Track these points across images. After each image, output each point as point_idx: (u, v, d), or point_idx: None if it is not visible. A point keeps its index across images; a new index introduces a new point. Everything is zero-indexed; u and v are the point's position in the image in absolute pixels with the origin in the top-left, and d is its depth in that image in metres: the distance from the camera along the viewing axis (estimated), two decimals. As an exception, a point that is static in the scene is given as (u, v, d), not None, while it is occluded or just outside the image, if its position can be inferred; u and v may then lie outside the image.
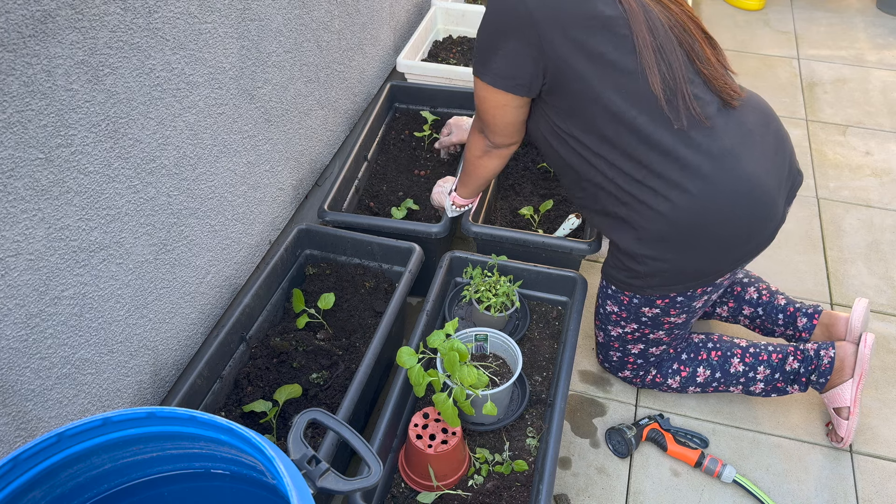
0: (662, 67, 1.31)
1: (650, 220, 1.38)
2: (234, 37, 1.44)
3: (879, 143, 2.65)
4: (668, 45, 1.32)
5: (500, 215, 2.01)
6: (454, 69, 2.29)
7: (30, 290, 1.06)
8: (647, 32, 1.30)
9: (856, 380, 1.55)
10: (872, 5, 3.67)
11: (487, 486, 1.37)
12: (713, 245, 1.39)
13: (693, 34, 1.36)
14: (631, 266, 1.46)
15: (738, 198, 1.35)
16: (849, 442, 1.60)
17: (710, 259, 1.42)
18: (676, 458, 1.62)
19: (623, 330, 1.61)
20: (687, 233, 1.38)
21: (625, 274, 1.48)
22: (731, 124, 1.37)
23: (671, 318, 1.54)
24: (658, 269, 1.43)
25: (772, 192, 1.39)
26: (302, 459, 0.96)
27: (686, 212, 1.35)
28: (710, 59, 1.37)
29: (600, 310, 1.63)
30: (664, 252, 1.40)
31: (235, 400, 1.50)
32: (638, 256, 1.43)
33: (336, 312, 1.69)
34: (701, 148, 1.33)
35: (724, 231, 1.38)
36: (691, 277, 1.45)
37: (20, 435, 1.10)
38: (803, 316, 1.71)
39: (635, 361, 1.67)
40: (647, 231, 1.39)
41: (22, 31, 0.95)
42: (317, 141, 1.94)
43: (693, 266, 1.43)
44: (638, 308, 1.53)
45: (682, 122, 1.32)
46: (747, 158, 1.36)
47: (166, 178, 1.32)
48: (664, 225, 1.37)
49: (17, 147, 0.99)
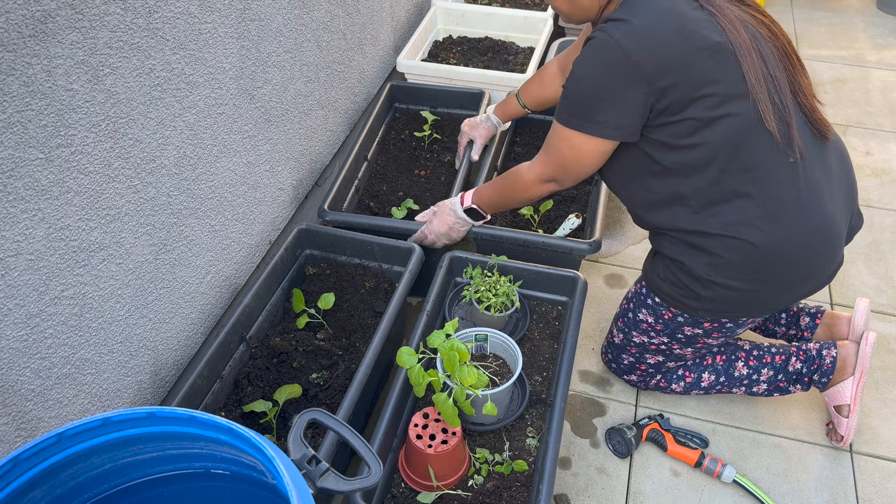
0: (774, 98, 1.28)
1: (731, 248, 1.34)
2: (234, 37, 1.44)
3: (879, 143, 2.65)
4: (778, 74, 1.29)
5: (501, 215, 2.01)
6: (454, 69, 2.29)
7: (30, 290, 1.06)
8: (758, 61, 1.26)
9: (856, 377, 1.56)
10: (872, 5, 3.67)
11: (487, 486, 1.37)
12: (783, 280, 1.37)
13: (794, 62, 1.33)
14: (693, 288, 1.41)
15: (817, 237, 1.34)
16: (849, 440, 1.60)
17: (776, 294, 1.40)
18: (676, 458, 1.62)
19: (649, 340, 1.59)
20: (764, 266, 1.35)
21: (682, 293, 1.44)
22: (820, 161, 1.35)
23: (710, 340, 1.53)
24: (723, 296, 1.39)
25: (842, 235, 1.39)
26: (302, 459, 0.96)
27: (769, 246, 1.32)
28: (807, 90, 1.35)
29: (629, 314, 1.60)
30: (735, 281, 1.37)
31: (235, 400, 1.50)
32: (706, 281, 1.39)
33: (336, 312, 1.69)
34: (795, 184, 1.31)
35: (796, 268, 1.36)
36: (752, 308, 1.43)
37: (20, 435, 1.10)
38: (806, 315, 1.71)
39: (647, 370, 1.66)
40: (723, 259, 1.35)
41: (22, 31, 0.95)
42: (317, 141, 1.94)
43: (758, 298, 1.40)
44: (679, 326, 1.51)
45: (795, 156, 1.29)
46: (828, 199, 1.35)
47: (166, 178, 1.32)
48: (744, 256, 1.34)
49: (17, 147, 0.99)
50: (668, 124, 1.29)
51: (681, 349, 1.57)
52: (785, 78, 1.31)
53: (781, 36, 1.32)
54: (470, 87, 2.26)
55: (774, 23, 1.33)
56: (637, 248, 2.19)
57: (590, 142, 1.35)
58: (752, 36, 1.27)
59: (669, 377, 1.67)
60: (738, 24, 1.26)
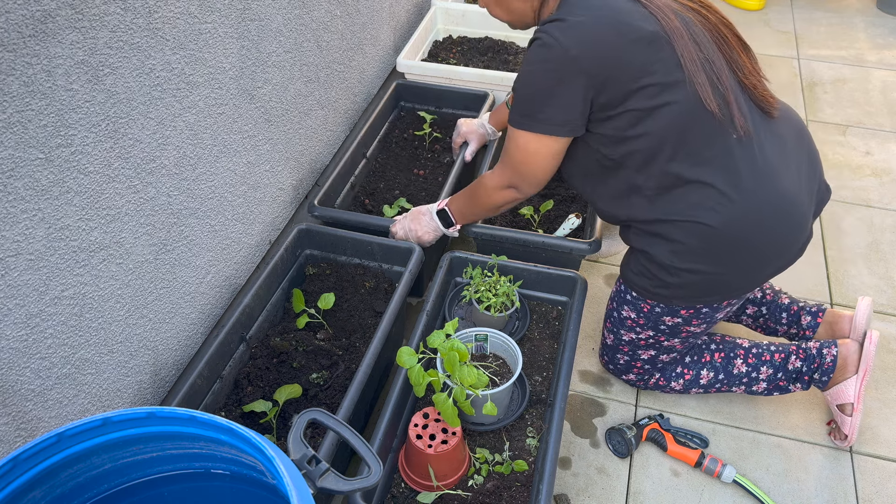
0: (713, 79, 1.30)
1: (689, 233, 1.36)
2: (234, 37, 1.44)
3: (879, 143, 2.65)
4: (713, 56, 1.31)
5: (500, 215, 2.01)
6: (454, 69, 2.29)
7: (30, 290, 1.06)
8: (692, 46, 1.29)
9: (860, 376, 1.56)
10: (872, 5, 3.67)
11: (487, 486, 1.37)
12: (748, 260, 1.39)
13: (731, 42, 1.35)
14: (661, 276, 1.43)
15: (776, 214, 1.35)
16: (853, 440, 1.60)
17: (744, 274, 1.42)
18: (676, 458, 1.62)
19: (637, 336, 1.60)
20: (725, 247, 1.37)
21: (652, 283, 1.46)
22: (771, 137, 1.37)
23: (691, 327, 1.54)
24: (690, 281, 1.41)
25: (804, 209, 1.39)
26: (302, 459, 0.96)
27: (727, 226, 1.34)
28: (748, 68, 1.37)
29: (614, 314, 1.62)
30: (699, 265, 1.39)
31: (235, 400, 1.50)
32: (671, 268, 1.41)
33: (336, 312, 1.69)
34: (745, 162, 1.33)
35: (760, 246, 1.37)
36: (722, 291, 1.44)
37: (20, 435, 1.10)
38: (807, 314, 1.71)
39: (643, 367, 1.67)
40: (684, 244, 1.38)
41: (22, 31, 0.95)
42: (317, 141, 1.94)
43: (726, 280, 1.42)
44: (659, 317, 1.52)
45: (738, 133, 1.31)
46: (785, 173, 1.36)
47: (166, 178, 1.32)
48: (703, 239, 1.36)
49: (17, 147, 0.99)
50: (611, 118, 1.32)
51: (668, 340, 1.58)
52: (722, 59, 1.33)
53: (714, 18, 1.35)
54: (474, 89, 2.26)
55: (707, 6, 1.36)
56: (637, 248, 2.19)
57: (538, 141, 1.38)
58: (684, 22, 1.30)
59: (668, 375, 1.67)
60: (668, 12, 1.29)
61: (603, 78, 1.27)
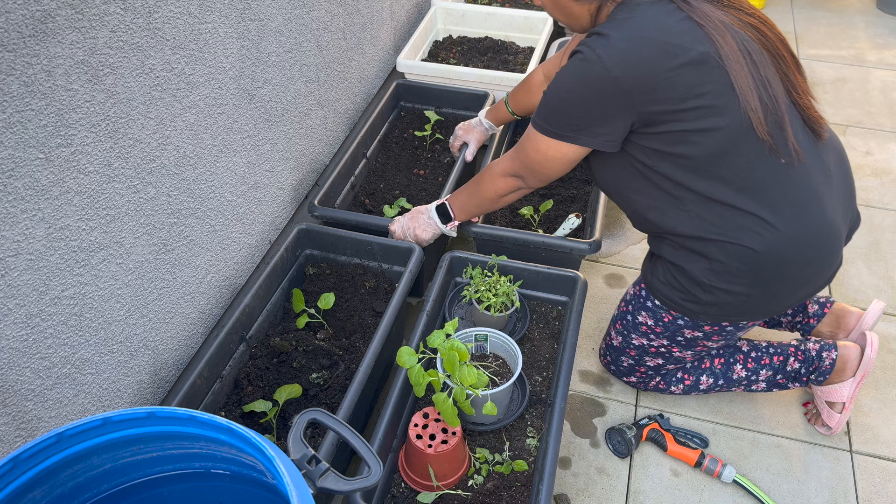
0: (768, 103, 1.26)
1: (731, 255, 1.33)
2: (234, 37, 1.44)
3: (879, 143, 2.65)
4: (771, 76, 1.27)
5: (500, 215, 2.01)
6: (454, 69, 2.29)
7: (30, 289, 1.06)
8: (748, 67, 1.24)
9: (857, 379, 1.56)
10: (872, 5, 3.67)
11: (487, 486, 1.37)
12: (784, 285, 1.37)
13: (787, 60, 1.30)
14: (693, 292, 1.40)
15: (818, 242, 1.34)
16: (836, 433, 1.64)
17: (777, 298, 1.40)
18: (676, 458, 1.62)
19: (649, 342, 1.58)
20: (765, 272, 1.34)
21: (682, 296, 1.43)
22: (818, 162, 1.34)
23: (709, 342, 1.53)
24: (724, 300, 1.38)
25: (841, 237, 1.38)
26: (302, 459, 0.96)
27: (770, 252, 1.31)
28: (802, 87, 1.32)
29: (628, 317, 1.59)
30: (736, 286, 1.36)
31: (235, 400, 1.50)
32: (705, 285, 1.38)
33: (336, 312, 1.69)
34: (792, 188, 1.30)
35: (798, 273, 1.35)
36: (752, 313, 1.43)
37: (20, 435, 1.10)
38: (814, 303, 1.71)
39: (646, 372, 1.66)
40: (724, 264, 1.34)
41: (22, 31, 0.95)
42: (317, 141, 1.94)
43: (759, 303, 1.40)
44: (679, 328, 1.50)
45: (789, 158, 1.28)
46: (828, 201, 1.34)
47: (166, 177, 1.32)
48: (745, 262, 1.33)
49: (17, 147, 0.98)
50: (654, 135, 1.29)
51: (681, 352, 1.57)
52: (777, 78, 1.29)
53: (772, 34, 1.30)
54: (474, 88, 2.26)
55: (765, 21, 1.30)
56: (637, 248, 2.19)
57: (560, 148, 1.37)
58: (740, 40, 1.25)
59: (668, 379, 1.67)
60: (724, 31, 1.23)
61: (644, 100, 1.23)
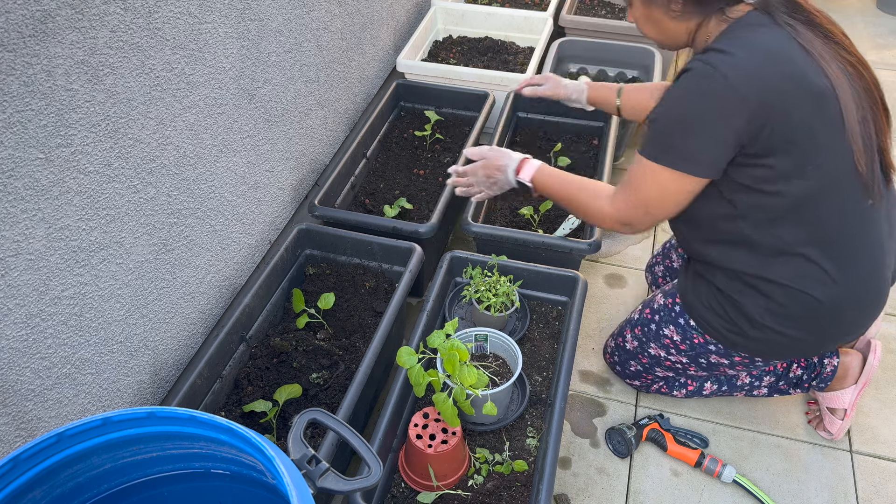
0: (865, 141, 1.21)
1: (794, 300, 1.29)
2: (234, 37, 1.44)
3: (879, 143, 2.65)
4: (868, 116, 1.22)
5: (501, 215, 2.01)
6: (454, 69, 2.29)
7: (30, 289, 1.06)
8: (853, 104, 1.18)
9: (859, 386, 1.56)
10: (872, 5, 3.67)
11: (487, 486, 1.37)
12: (836, 331, 1.35)
13: (879, 104, 1.25)
14: (742, 326, 1.36)
15: (876, 295, 1.33)
16: (838, 438, 1.63)
17: (823, 342, 1.38)
18: (676, 458, 1.62)
19: (666, 356, 1.54)
20: (823, 320, 1.31)
21: (727, 326, 1.38)
22: (884, 209, 1.30)
23: (731, 370, 1.50)
24: (772, 340, 1.35)
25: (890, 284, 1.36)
26: (302, 459, 0.96)
27: (832, 302, 1.29)
28: (885, 131, 1.27)
29: (652, 326, 1.55)
30: (790, 330, 1.33)
31: (235, 400, 1.50)
32: (758, 323, 1.34)
33: (336, 312, 1.69)
34: (867, 236, 1.28)
35: (851, 321, 1.34)
36: (793, 353, 1.41)
37: (20, 435, 1.10)
38: None
39: (653, 379, 1.65)
40: (784, 307, 1.31)
41: (22, 31, 0.95)
42: (317, 141, 1.94)
43: (805, 346, 1.38)
44: (707, 353, 1.46)
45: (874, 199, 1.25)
46: (888, 251, 1.32)
47: (166, 177, 1.32)
48: (807, 309, 1.30)
49: (17, 147, 0.98)
50: (753, 166, 1.21)
51: (697, 371, 1.53)
52: (871, 119, 1.23)
53: (868, 76, 1.24)
54: (474, 88, 2.26)
55: (863, 62, 1.25)
56: (637, 248, 2.19)
57: (679, 181, 1.23)
58: (849, 79, 1.20)
59: (671, 384, 1.67)
60: (835, 67, 1.18)
61: (763, 124, 1.15)
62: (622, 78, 2.57)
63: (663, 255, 1.85)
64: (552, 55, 2.47)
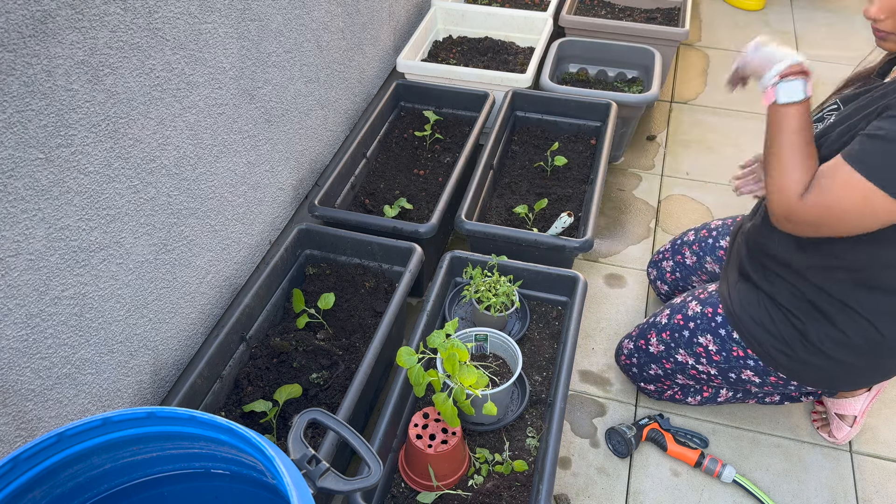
0: None
1: (859, 330, 1.26)
2: (234, 37, 1.44)
3: (879, 143, 2.65)
4: None
5: (496, 213, 2.01)
6: (454, 69, 2.29)
7: (30, 290, 1.06)
8: None
9: (871, 394, 1.56)
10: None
11: (487, 486, 1.37)
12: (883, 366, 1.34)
13: None
14: (795, 348, 1.33)
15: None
16: (845, 442, 1.62)
17: (865, 379, 1.37)
18: (676, 458, 1.62)
19: (695, 364, 1.51)
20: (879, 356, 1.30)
21: (775, 344, 1.35)
22: None
23: (756, 388, 1.48)
24: (821, 366, 1.33)
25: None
26: (302, 459, 0.96)
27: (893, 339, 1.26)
28: None
29: (685, 332, 1.50)
30: (844, 358, 1.31)
31: (235, 400, 1.50)
32: (814, 349, 1.31)
33: (336, 312, 1.69)
34: None
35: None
36: (832, 384, 1.39)
37: (20, 435, 1.10)
38: None
39: (671, 386, 1.63)
40: (846, 337, 1.28)
41: (22, 31, 0.95)
42: (317, 141, 1.94)
43: (855, 380, 1.36)
44: (741, 368, 1.43)
45: None
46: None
47: (166, 178, 1.32)
48: (868, 342, 1.27)
49: (17, 147, 0.99)
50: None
51: (724, 385, 1.51)
52: None
53: None
54: (474, 89, 2.26)
55: None
56: (637, 248, 2.19)
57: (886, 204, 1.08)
58: None
59: (686, 391, 1.66)
60: None
61: None
62: (622, 78, 2.57)
63: (673, 251, 1.82)
64: (552, 55, 2.47)
